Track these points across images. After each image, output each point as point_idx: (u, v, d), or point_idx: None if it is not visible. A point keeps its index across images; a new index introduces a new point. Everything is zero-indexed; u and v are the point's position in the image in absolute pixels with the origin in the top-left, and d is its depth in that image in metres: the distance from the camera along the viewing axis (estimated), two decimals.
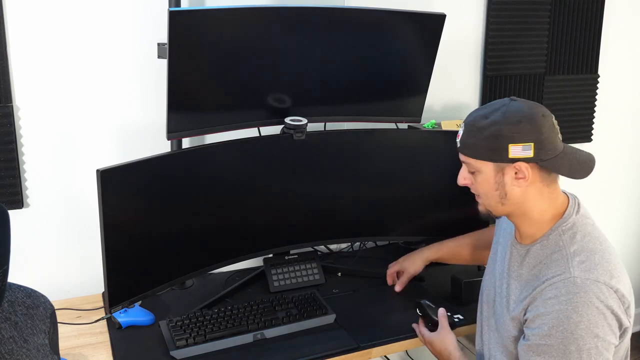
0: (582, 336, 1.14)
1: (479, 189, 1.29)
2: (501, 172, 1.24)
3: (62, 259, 1.83)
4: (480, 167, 1.25)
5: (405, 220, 1.91)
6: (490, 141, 1.22)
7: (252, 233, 1.77)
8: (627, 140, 2.69)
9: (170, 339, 1.50)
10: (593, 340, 1.14)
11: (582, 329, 1.14)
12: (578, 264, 1.20)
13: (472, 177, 1.29)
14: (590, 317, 1.15)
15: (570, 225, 1.25)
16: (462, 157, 1.30)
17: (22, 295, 1.02)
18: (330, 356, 1.50)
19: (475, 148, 1.24)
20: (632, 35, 2.57)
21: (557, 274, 1.20)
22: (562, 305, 1.16)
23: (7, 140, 1.69)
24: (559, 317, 1.16)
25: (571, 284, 1.17)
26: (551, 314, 1.17)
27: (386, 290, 1.82)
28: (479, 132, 1.23)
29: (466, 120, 1.29)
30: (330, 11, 1.66)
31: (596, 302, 1.15)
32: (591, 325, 1.15)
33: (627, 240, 2.84)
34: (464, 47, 2.26)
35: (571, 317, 1.15)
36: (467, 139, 1.26)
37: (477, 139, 1.23)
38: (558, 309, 1.17)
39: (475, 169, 1.27)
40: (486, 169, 1.25)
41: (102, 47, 1.75)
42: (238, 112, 1.71)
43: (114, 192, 1.46)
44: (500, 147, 1.21)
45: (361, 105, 1.85)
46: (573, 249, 1.22)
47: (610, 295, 1.16)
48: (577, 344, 1.14)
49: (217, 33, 1.53)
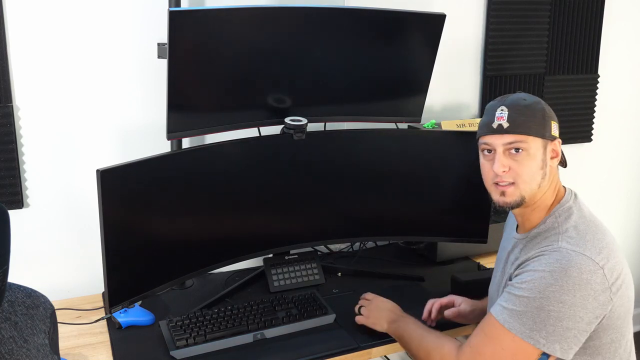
0: (548, 297, 1.18)
1: (524, 171, 1.29)
2: (545, 149, 1.30)
3: (62, 259, 1.83)
4: (530, 145, 1.28)
5: (405, 220, 1.91)
6: (540, 118, 1.28)
7: (252, 233, 1.77)
8: (627, 140, 2.69)
9: (170, 339, 1.50)
10: (557, 305, 1.18)
11: (550, 292, 1.18)
12: (567, 238, 1.25)
13: (512, 162, 1.30)
14: (562, 284, 1.18)
15: (567, 208, 1.31)
16: (510, 138, 1.29)
17: (22, 295, 1.02)
18: (330, 356, 1.50)
19: (527, 124, 1.28)
20: (632, 35, 2.57)
21: (546, 245, 1.26)
22: (542, 267, 1.22)
23: (7, 140, 1.69)
24: (534, 276, 1.22)
25: (556, 252, 1.22)
26: (530, 272, 1.23)
27: (386, 290, 1.82)
28: (527, 109, 1.29)
29: (507, 103, 1.30)
30: (330, 11, 1.66)
31: (574, 272, 1.18)
32: (561, 291, 1.18)
33: (627, 240, 2.84)
34: (464, 47, 2.26)
35: (545, 278, 1.20)
36: (517, 117, 1.28)
37: (527, 115, 1.28)
38: (535, 268, 1.23)
39: (524, 148, 1.28)
40: (535, 146, 1.29)
41: (102, 47, 1.75)
42: (238, 112, 1.71)
43: (114, 192, 1.46)
44: (546, 124, 1.29)
45: (361, 105, 1.85)
46: (565, 227, 1.28)
47: (595, 270, 1.19)
48: (540, 302, 1.19)
49: (217, 33, 1.53)
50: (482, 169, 1.37)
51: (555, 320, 1.18)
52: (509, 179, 1.30)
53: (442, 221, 1.91)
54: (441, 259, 2.01)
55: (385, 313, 1.54)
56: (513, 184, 1.30)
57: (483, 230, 1.88)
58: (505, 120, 1.29)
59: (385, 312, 1.54)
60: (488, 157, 1.34)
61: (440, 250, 2.00)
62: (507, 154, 1.30)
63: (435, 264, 2.00)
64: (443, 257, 2.01)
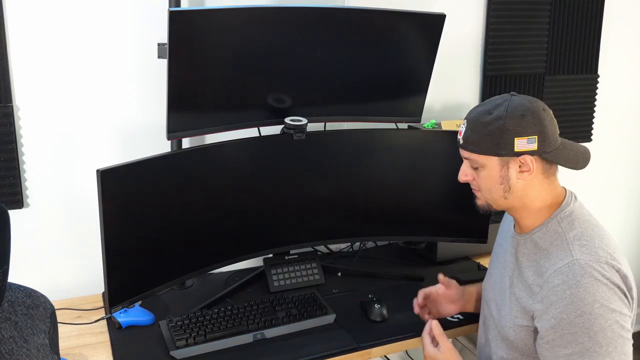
0: (601, 314, 1.15)
1: (482, 184, 1.31)
2: (506, 166, 1.26)
3: (62, 259, 1.83)
4: (484, 162, 1.27)
5: (405, 220, 1.91)
6: (496, 136, 1.23)
7: (252, 233, 1.77)
8: (627, 140, 2.69)
9: (170, 339, 1.50)
10: (612, 315, 1.15)
11: (598, 308, 1.15)
12: (579, 247, 1.22)
13: (473, 172, 1.31)
14: (602, 294, 1.16)
15: (569, 212, 1.28)
16: (465, 154, 1.31)
17: (22, 295, 1.02)
18: (330, 356, 1.50)
19: (480, 143, 1.26)
20: (632, 35, 2.57)
21: (560, 259, 1.22)
22: (573, 290, 1.17)
23: (7, 140, 1.69)
24: (573, 301, 1.17)
25: (576, 267, 1.19)
26: (564, 301, 1.18)
27: (386, 290, 1.82)
28: (484, 127, 1.25)
29: (468, 117, 1.30)
30: (330, 11, 1.66)
31: (603, 279, 1.17)
32: (605, 301, 1.16)
33: (627, 240, 2.84)
34: (464, 47, 2.26)
35: (585, 299, 1.16)
36: (471, 135, 1.27)
37: (482, 134, 1.25)
38: (570, 294, 1.17)
39: (479, 165, 1.28)
40: (491, 164, 1.27)
41: (102, 47, 1.75)
42: (238, 112, 1.71)
43: (114, 192, 1.46)
44: (506, 141, 1.23)
45: (361, 105, 1.85)
46: (572, 234, 1.25)
47: (613, 274, 1.18)
48: (599, 323, 1.15)
49: (217, 33, 1.53)
50: None
51: (620, 330, 1.16)
52: (474, 187, 1.34)
53: (442, 221, 1.91)
54: (441, 259, 2.01)
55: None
56: (479, 191, 1.33)
57: (483, 230, 1.88)
58: (461, 136, 1.30)
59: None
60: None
61: (440, 250, 2.00)
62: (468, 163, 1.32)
63: (435, 264, 2.00)
64: (443, 257, 2.01)
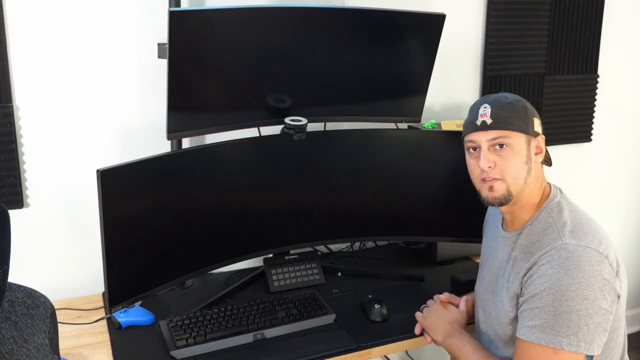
0: (572, 297, 1.18)
1: (509, 166, 1.30)
2: (528, 144, 1.31)
3: (62, 259, 1.83)
4: (513, 140, 1.30)
5: (405, 220, 1.91)
6: (522, 113, 1.31)
7: (252, 233, 1.77)
8: (627, 140, 2.69)
9: (170, 339, 1.50)
10: (583, 302, 1.18)
11: (572, 291, 1.18)
12: (569, 233, 1.25)
13: (497, 157, 1.31)
14: (581, 280, 1.18)
15: (557, 203, 1.33)
16: (493, 134, 1.30)
17: (22, 295, 1.02)
18: (330, 356, 1.50)
19: (510, 120, 1.30)
20: (631, 35, 2.57)
21: (550, 243, 1.26)
22: (554, 269, 1.21)
23: (7, 140, 1.69)
24: (550, 280, 1.21)
25: (563, 250, 1.22)
26: (543, 278, 1.22)
27: (386, 290, 1.82)
28: (509, 105, 1.31)
29: (489, 101, 1.33)
30: (330, 11, 1.66)
31: (586, 266, 1.19)
32: (581, 287, 1.18)
33: (627, 240, 2.84)
34: (464, 47, 2.26)
35: (562, 280, 1.19)
36: (500, 113, 1.30)
37: (509, 112, 1.30)
38: (550, 273, 1.21)
39: (508, 143, 1.30)
40: (519, 141, 1.30)
41: (102, 47, 1.75)
42: (238, 112, 1.71)
43: (114, 192, 1.46)
44: (529, 120, 1.31)
45: (361, 105, 1.85)
46: (563, 221, 1.28)
47: (601, 260, 1.21)
48: (567, 304, 1.18)
49: (217, 33, 1.53)
50: (469, 168, 1.38)
51: (586, 318, 1.17)
52: (495, 174, 1.32)
53: (442, 221, 1.91)
54: (441, 259, 2.01)
55: (443, 323, 1.48)
56: (499, 179, 1.31)
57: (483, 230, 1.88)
58: (488, 117, 1.31)
59: (443, 323, 1.48)
60: (474, 155, 1.35)
61: (440, 250, 2.00)
62: (491, 150, 1.31)
63: (435, 264, 2.01)
64: (443, 257, 2.02)
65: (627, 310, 2.82)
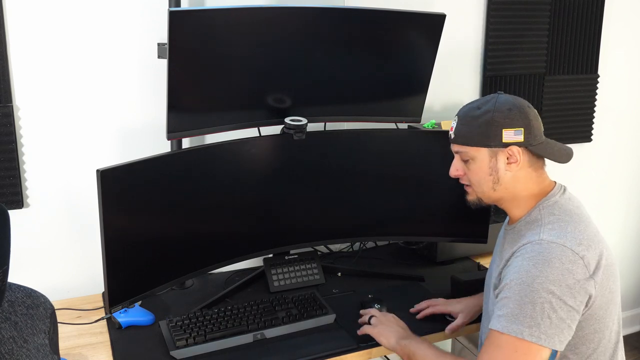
0: (537, 290, 1.19)
1: (473, 177, 1.37)
2: (495, 157, 1.32)
3: (62, 259, 1.83)
4: (474, 154, 1.34)
5: (405, 220, 1.91)
6: (485, 127, 1.31)
7: (252, 233, 1.77)
8: (627, 140, 2.70)
9: (170, 339, 1.50)
10: (547, 296, 1.19)
11: (538, 283, 1.20)
12: (549, 230, 1.27)
13: (464, 167, 1.37)
14: (548, 274, 1.20)
15: (552, 203, 1.34)
16: (455, 148, 1.38)
17: (22, 295, 1.02)
18: (330, 356, 1.50)
19: (470, 136, 1.33)
20: (631, 35, 2.57)
21: (528, 238, 1.28)
22: (525, 262, 1.23)
23: (7, 140, 1.69)
24: (519, 271, 1.23)
25: (537, 245, 1.25)
26: (514, 268, 1.25)
27: (386, 290, 1.82)
28: (473, 120, 1.33)
29: (459, 113, 1.38)
30: (330, 11, 1.66)
31: (557, 263, 1.21)
32: (548, 281, 1.19)
33: (627, 240, 2.84)
34: (464, 47, 2.26)
35: (530, 271, 1.21)
36: (462, 128, 1.35)
37: (472, 126, 1.33)
38: (520, 264, 1.24)
39: (469, 157, 1.35)
40: (480, 155, 1.33)
41: (102, 47, 1.75)
42: (238, 112, 1.71)
43: (114, 192, 1.46)
44: (494, 133, 1.31)
45: (361, 105, 1.85)
46: (548, 220, 1.30)
47: (575, 260, 1.21)
48: (532, 296, 1.19)
49: (217, 33, 1.53)
50: None
51: (550, 311, 1.19)
52: (465, 181, 1.41)
53: (442, 221, 1.91)
54: (441, 259, 2.01)
55: (395, 328, 1.49)
56: (469, 186, 1.39)
57: (483, 230, 1.88)
58: (452, 132, 1.38)
59: (395, 328, 1.49)
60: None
61: (440, 250, 2.01)
62: (460, 159, 1.38)
63: (435, 264, 2.01)
64: (443, 257, 2.02)
65: (628, 310, 2.83)
